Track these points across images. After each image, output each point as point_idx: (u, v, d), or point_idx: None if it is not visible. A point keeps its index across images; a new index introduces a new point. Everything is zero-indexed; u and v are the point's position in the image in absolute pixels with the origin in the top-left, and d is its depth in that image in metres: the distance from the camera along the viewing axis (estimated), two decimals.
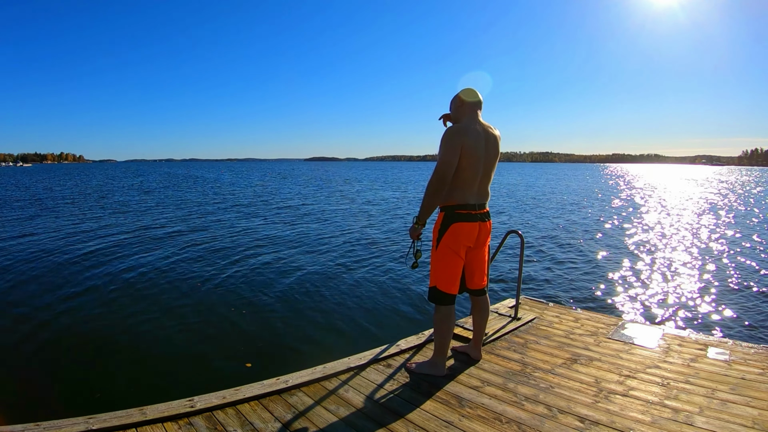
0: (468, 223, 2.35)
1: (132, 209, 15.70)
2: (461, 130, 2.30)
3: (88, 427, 1.88)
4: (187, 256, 7.69)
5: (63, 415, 1.97)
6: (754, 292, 5.96)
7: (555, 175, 61.72)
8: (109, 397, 3.17)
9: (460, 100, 2.42)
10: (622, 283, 6.43)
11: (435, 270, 2.43)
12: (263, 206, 16.85)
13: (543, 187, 32.99)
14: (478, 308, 2.64)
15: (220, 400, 2.15)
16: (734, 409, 2.12)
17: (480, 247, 2.49)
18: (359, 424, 2.03)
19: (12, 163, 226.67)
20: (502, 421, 2.04)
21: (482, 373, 2.55)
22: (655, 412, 2.11)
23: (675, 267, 7.41)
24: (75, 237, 9.62)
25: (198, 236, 9.84)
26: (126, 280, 6.23)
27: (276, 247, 8.65)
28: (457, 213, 2.34)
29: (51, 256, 7.66)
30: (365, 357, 2.70)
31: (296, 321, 4.81)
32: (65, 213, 14.23)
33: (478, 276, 2.56)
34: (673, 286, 6.30)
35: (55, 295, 5.53)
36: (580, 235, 10.70)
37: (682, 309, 5.34)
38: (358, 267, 7.09)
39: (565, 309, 3.82)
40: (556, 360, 2.73)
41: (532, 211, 16.06)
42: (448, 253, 2.37)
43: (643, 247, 9.23)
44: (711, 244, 9.59)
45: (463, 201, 2.34)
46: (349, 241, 9.34)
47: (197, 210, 15.46)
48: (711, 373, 2.52)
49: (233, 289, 5.81)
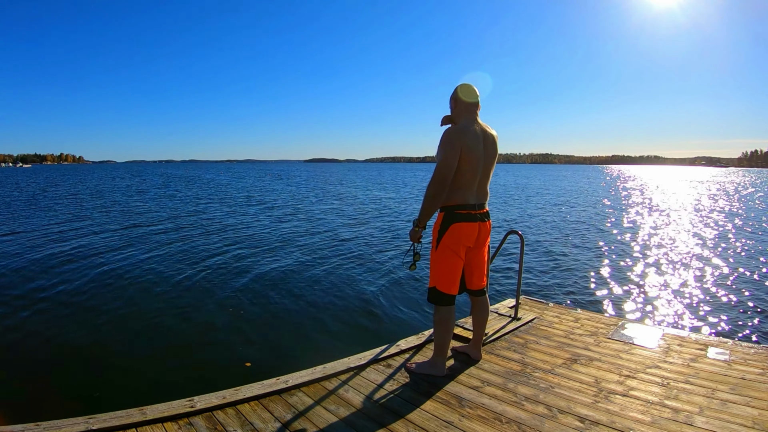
0: (468, 223, 2.35)
1: (131, 210, 15.69)
2: (460, 131, 2.29)
3: (88, 427, 1.88)
4: (188, 256, 7.68)
5: (63, 415, 1.97)
6: (754, 292, 5.96)
7: (555, 176, 61.74)
8: (109, 397, 3.16)
9: (458, 100, 2.41)
10: (622, 283, 6.43)
11: (434, 270, 2.42)
12: (263, 206, 16.86)
13: (543, 187, 33.01)
14: (477, 308, 2.64)
15: (220, 400, 2.15)
16: (734, 409, 2.12)
17: (480, 247, 2.49)
18: (359, 424, 2.03)
19: (11, 164, 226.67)
20: (502, 421, 2.04)
21: (482, 373, 2.55)
22: (655, 412, 2.11)
23: (675, 267, 7.41)
24: (74, 237, 9.61)
25: (197, 236, 9.84)
26: (125, 280, 6.22)
27: (276, 247, 8.64)
28: (457, 213, 2.34)
29: (51, 256, 7.66)
30: (365, 357, 2.70)
31: (296, 321, 4.81)
32: (64, 212, 14.23)
33: (477, 276, 2.55)
34: (673, 286, 6.30)
35: (55, 294, 5.53)
36: (580, 236, 10.71)
37: (682, 309, 5.34)
38: (358, 267, 7.08)
39: (565, 309, 3.82)
40: (556, 360, 2.73)
41: (532, 212, 16.07)
42: (447, 254, 2.37)
43: (643, 247, 9.24)
44: (711, 245, 9.59)
45: (463, 201, 2.34)
46: (349, 242, 9.34)
47: (197, 210, 15.46)
48: (711, 373, 2.52)
49: (233, 290, 5.81)
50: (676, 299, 5.71)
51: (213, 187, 29.89)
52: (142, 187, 29.74)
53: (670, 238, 10.43)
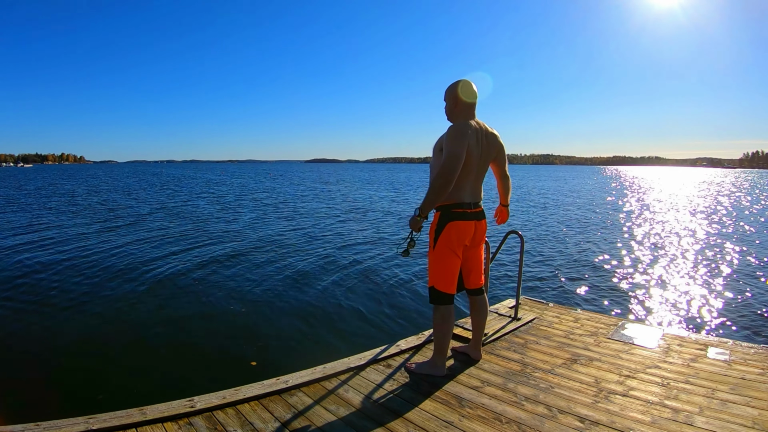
0: (464, 222, 2.36)
1: (132, 210, 15.70)
2: (466, 128, 2.30)
3: (88, 427, 1.88)
4: (187, 256, 7.68)
5: (63, 415, 1.97)
6: (754, 292, 5.96)
7: (555, 177, 61.69)
8: (109, 397, 3.17)
9: (458, 100, 2.41)
10: (622, 284, 6.42)
11: (433, 270, 2.43)
12: (262, 207, 16.86)
13: (543, 188, 32.98)
14: (476, 308, 2.65)
15: (220, 400, 2.15)
16: (734, 409, 2.12)
17: (476, 246, 2.51)
18: (359, 424, 2.03)
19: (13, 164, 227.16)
20: (502, 422, 2.04)
21: (482, 373, 2.55)
22: (655, 412, 2.11)
23: (675, 267, 7.41)
24: (74, 237, 9.62)
25: (196, 236, 9.84)
26: (125, 280, 6.22)
27: (275, 247, 8.64)
28: (453, 212, 2.36)
29: (50, 256, 7.67)
30: (365, 357, 2.70)
31: (296, 321, 4.81)
32: (63, 212, 14.24)
33: (474, 275, 2.57)
34: (673, 286, 6.30)
35: (55, 294, 5.53)
36: (581, 236, 10.71)
37: (682, 309, 5.34)
38: (357, 268, 7.08)
39: (565, 309, 3.82)
40: (556, 360, 2.73)
41: (533, 212, 16.07)
42: (445, 253, 2.38)
43: (643, 247, 9.24)
44: (711, 245, 9.59)
45: (458, 200, 2.36)
46: (349, 242, 9.34)
47: (195, 210, 15.47)
48: (711, 373, 2.51)
49: (232, 290, 5.81)
50: (676, 299, 5.71)
51: (212, 188, 29.89)
52: (142, 187, 29.75)
53: (670, 239, 10.42)
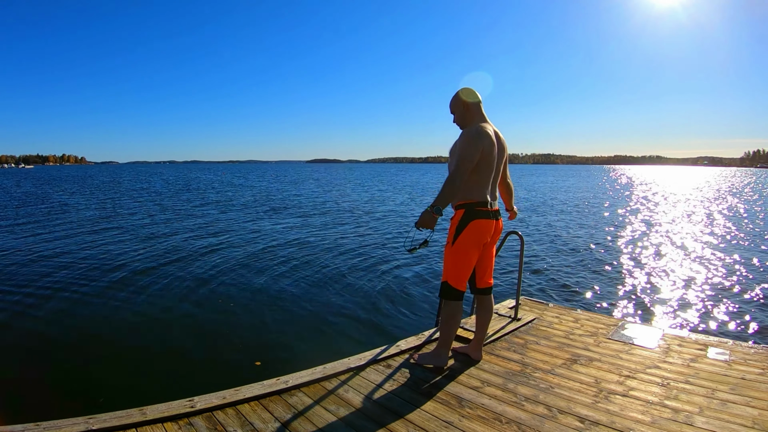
0: (486, 220, 2.44)
1: (131, 211, 15.72)
2: (482, 131, 2.36)
3: (88, 427, 1.88)
4: (187, 256, 7.69)
5: (63, 415, 1.97)
6: (754, 292, 5.95)
7: (556, 177, 61.67)
8: (109, 397, 3.17)
9: (466, 104, 2.48)
10: (622, 284, 6.42)
11: (449, 265, 2.49)
12: (262, 206, 16.86)
13: (543, 188, 32.98)
14: (483, 307, 2.69)
15: (220, 400, 2.15)
16: (734, 409, 2.12)
17: (492, 244, 2.61)
18: (359, 424, 2.03)
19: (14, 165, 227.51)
20: (502, 422, 2.04)
21: (482, 373, 2.56)
22: (655, 413, 2.11)
23: (675, 267, 7.40)
24: (73, 237, 9.63)
25: (195, 236, 9.85)
26: (124, 280, 6.23)
27: (274, 247, 8.64)
28: (477, 210, 2.43)
29: (51, 256, 7.67)
30: (365, 357, 2.70)
31: (296, 321, 4.81)
32: (63, 211, 14.26)
33: (488, 274, 2.66)
34: (673, 286, 6.29)
35: (55, 294, 5.53)
36: (581, 236, 10.70)
37: (682, 309, 5.34)
38: (357, 268, 7.08)
39: (565, 309, 3.82)
40: (556, 360, 2.73)
41: (532, 212, 16.06)
42: (464, 250, 2.44)
43: (643, 247, 9.23)
44: (711, 245, 9.58)
45: (482, 199, 2.44)
46: (349, 242, 9.34)
47: (195, 210, 15.48)
48: (711, 373, 2.52)
49: (232, 290, 5.81)
50: (676, 299, 5.71)
51: (214, 188, 29.90)
52: (145, 187, 29.77)
53: (671, 239, 10.41)
